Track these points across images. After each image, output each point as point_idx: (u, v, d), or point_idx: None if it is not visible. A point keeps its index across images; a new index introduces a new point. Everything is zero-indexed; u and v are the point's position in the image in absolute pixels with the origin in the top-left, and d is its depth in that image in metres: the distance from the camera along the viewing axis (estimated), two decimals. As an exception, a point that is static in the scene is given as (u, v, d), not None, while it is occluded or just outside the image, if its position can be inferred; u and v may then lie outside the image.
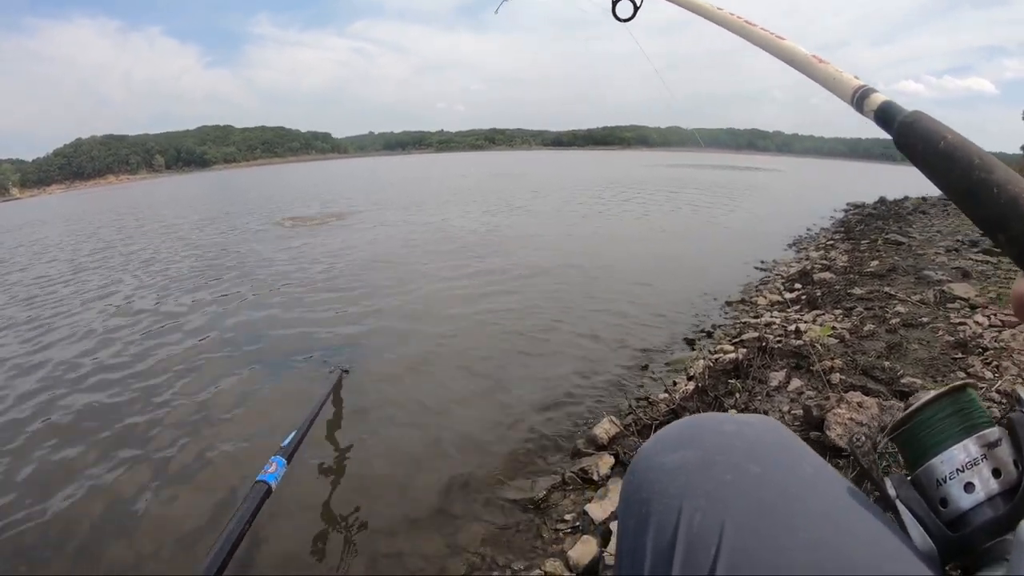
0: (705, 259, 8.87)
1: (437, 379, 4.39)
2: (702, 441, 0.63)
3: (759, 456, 0.60)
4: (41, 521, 2.82)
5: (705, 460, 0.60)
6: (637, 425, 3.27)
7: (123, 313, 6.26)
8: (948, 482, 0.57)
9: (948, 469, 0.57)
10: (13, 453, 3.45)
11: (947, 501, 0.57)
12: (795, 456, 0.62)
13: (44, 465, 3.32)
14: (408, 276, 7.76)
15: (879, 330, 3.98)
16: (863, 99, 0.70)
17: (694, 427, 0.67)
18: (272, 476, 2.16)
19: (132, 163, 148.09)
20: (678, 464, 0.61)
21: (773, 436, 0.64)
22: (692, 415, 0.75)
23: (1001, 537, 0.52)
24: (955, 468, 0.57)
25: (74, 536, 2.71)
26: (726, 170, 47.56)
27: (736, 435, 0.63)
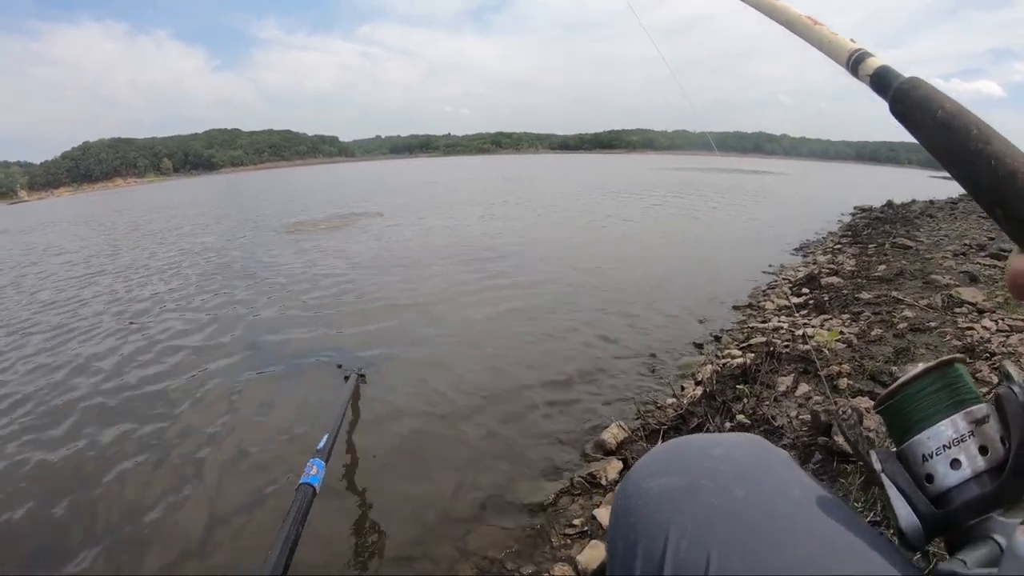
0: (712, 263, 8.86)
1: (447, 383, 4.41)
2: (688, 465, 0.64)
3: (746, 478, 0.61)
4: (92, 526, 2.87)
5: (692, 485, 0.61)
6: (645, 430, 3.29)
7: (139, 318, 6.29)
8: (934, 458, 0.57)
9: (935, 445, 0.57)
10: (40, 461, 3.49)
11: (933, 477, 0.57)
12: (782, 475, 0.63)
13: (88, 466, 3.37)
14: (419, 281, 7.80)
15: (887, 335, 3.98)
16: (858, 63, 0.68)
17: (681, 451, 0.68)
18: (315, 478, 2.22)
19: (140, 166, 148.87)
20: (664, 489, 0.62)
21: (760, 456, 0.65)
22: (680, 437, 0.76)
23: (987, 515, 0.52)
24: (942, 444, 0.57)
25: (120, 537, 2.77)
26: (733, 173, 47.45)
27: (723, 459, 0.64)
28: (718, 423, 2.98)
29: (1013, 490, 0.52)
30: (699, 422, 3.08)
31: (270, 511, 2.86)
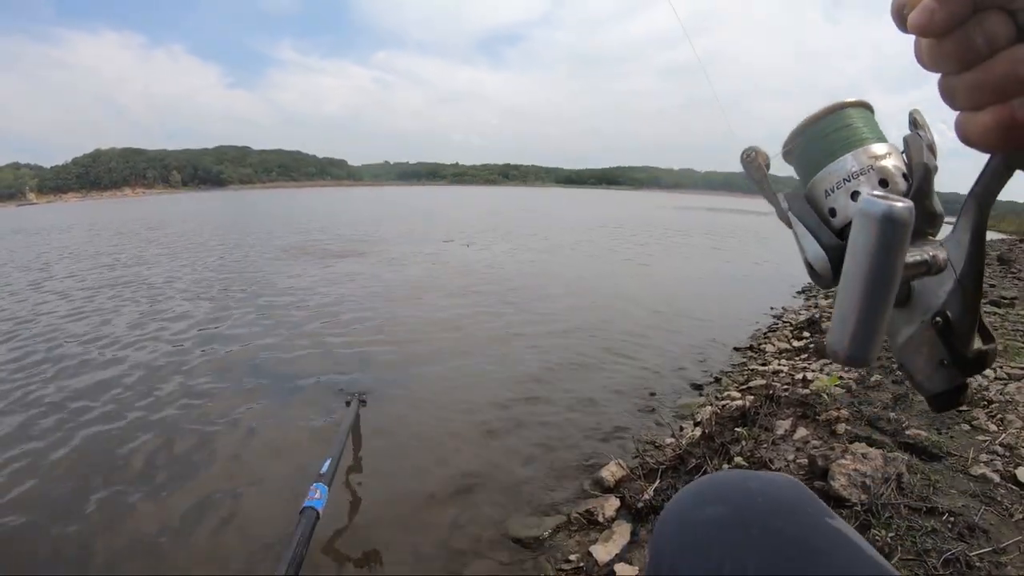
0: (715, 304, 8.89)
1: (446, 412, 4.44)
2: (729, 497, 0.67)
3: (783, 513, 0.63)
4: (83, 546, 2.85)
5: (734, 516, 0.64)
6: (643, 469, 3.30)
7: (139, 336, 6.27)
8: (836, 192, 0.58)
9: (835, 179, 0.58)
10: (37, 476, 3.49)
11: (835, 211, 0.58)
12: (816, 513, 0.65)
13: (81, 487, 3.33)
14: (425, 308, 7.84)
15: (885, 381, 4.00)
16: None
17: (721, 483, 0.72)
18: (319, 502, 2.23)
19: (149, 177, 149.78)
20: (708, 519, 0.65)
21: (794, 494, 0.68)
22: (717, 472, 0.78)
23: None
24: (842, 178, 0.58)
25: (117, 559, 2.75)
26: (739, 214, 47.75)
27: (760, 492, 0.66)
28: (716, 464, 3.00)
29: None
30: (697, 463, 3.09)
31: (274, 534, 2.85)
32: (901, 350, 0.58)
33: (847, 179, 0.58)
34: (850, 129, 0.59)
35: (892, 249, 0.45)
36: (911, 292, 0.57)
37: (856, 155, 0.58)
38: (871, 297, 0.46)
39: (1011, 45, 0.37)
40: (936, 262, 0.53)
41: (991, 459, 2.66)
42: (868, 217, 0.45)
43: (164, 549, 2.81)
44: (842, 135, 0.59)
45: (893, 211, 0.44)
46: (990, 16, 0.36)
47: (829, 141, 0.60)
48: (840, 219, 0.58)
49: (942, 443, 2.85)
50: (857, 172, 0.57)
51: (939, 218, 0.58)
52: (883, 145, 0.58)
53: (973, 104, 0.38)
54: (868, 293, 0.46)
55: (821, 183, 0.60)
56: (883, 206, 0.45)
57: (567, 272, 11.51)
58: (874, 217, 0.45)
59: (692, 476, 3.03)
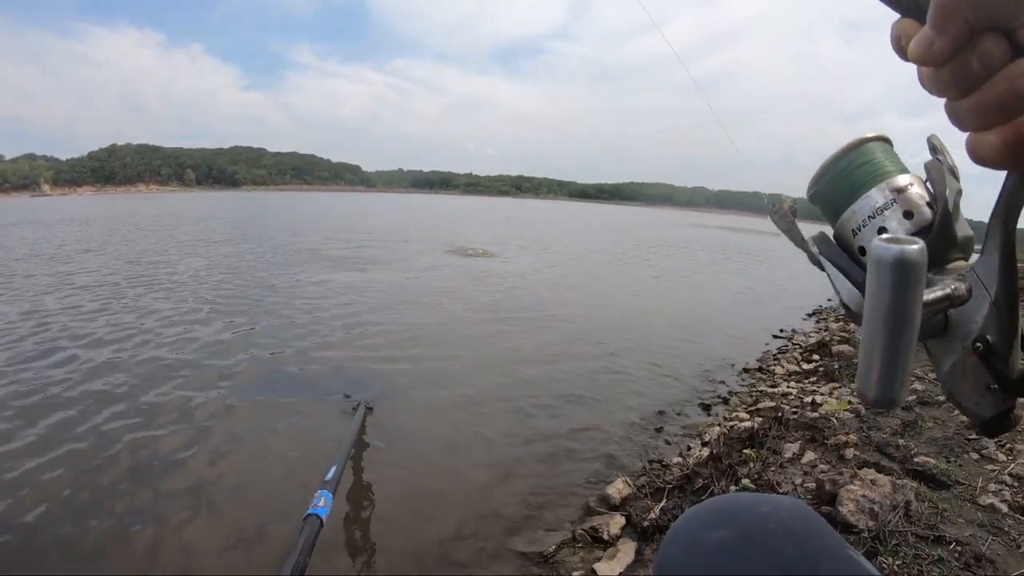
0: (726, 324, 8.88)
1: (454, 423, 4.46)
2: (739, 521, 0.67)
3: (791, 538, 0.64)
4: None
5: (742, 540, 0.64)
6: (650, 488, 3.31)
7: (145, 333, 6.25)
8: (863, 229, 0.59)
9: (862, 216, 0.59)
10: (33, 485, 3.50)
11: (864, 249, 0.59)
12: (825, 540, 0.65)
13: (80, 492, 3.34)
14: (437, 318, 7.86)
15: (895, 407, 3.99)
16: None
17: (730, 506, 0.72)
18: (323, 510, 2.25)
19: (163, 174, 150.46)
20: (717, 542, 0.65)
21: (804, 519, 0.68)
22: (727, 494, 0.79)
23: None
24: (867, 215, 0.59)
25: (120, 563, 2.77)
26: (751, 234, 47.63)
27: (770, 517, 0.67)
28: (723, 486, 3.00)
29: (939, 249, 0.55)
30: (704, 483, 3.09)
31: (277, 541, 2.87)
32: (946, 379, 0.57)
33: (872, 215, 0.59)
34: (872, 164, 0.60)
35: (907, 291, 0.45)
36: (948, 321, 0.56)
37: (880, 190, 0.59)
38: (892, 340, 0.46)
39: (1008, 63, 0.38)
40: (958, 294, 0.52)
41: (999, 489, 2.65)
42: (880, 263, 0.45)
43: (166, 554, 2.83)
44: (864, 171, 0.60)
45: (904, 255, 0.45)
46: (984, 38, 0.37)
47: (852, 179, 0.61)
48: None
49: (951, 471, 2.84)
50: (882, 207, 0.58)
51: (969, 241, 0.58)
52: (905, 176, 0.59)
53: (979, 125, 0.39)
54: (889, 336, 0.46)
55: (848, 222, 0.61)
56: (894, 251, 0.45)
57: (581, 287, 11.50)
58: (886, 263, 0.45)
59: (699, 496, 3.03)
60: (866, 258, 0.57)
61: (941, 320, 0.56)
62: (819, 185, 0.64)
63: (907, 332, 0.46)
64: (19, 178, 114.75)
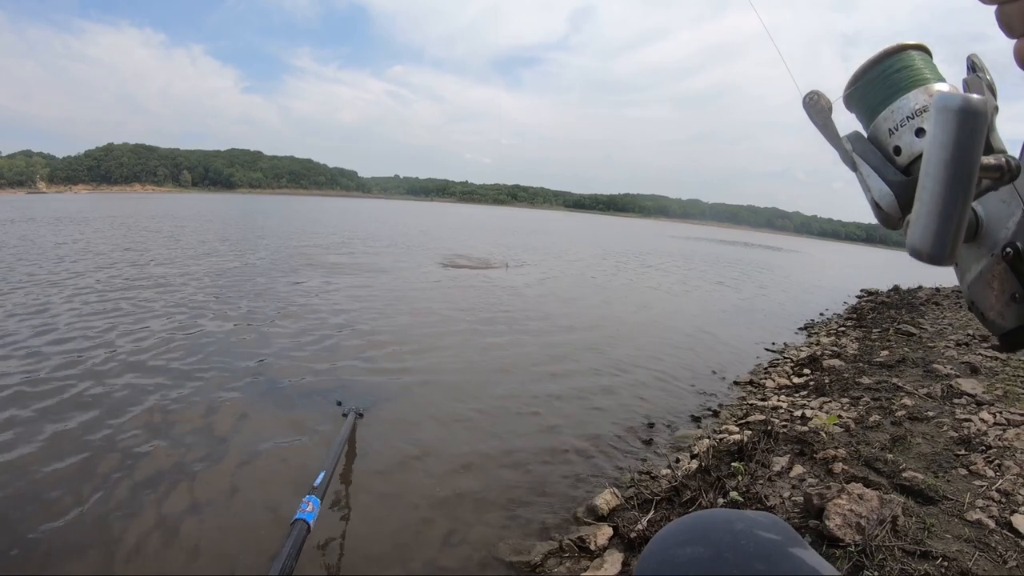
0: (718, 337, 8.91)
1: (443, 431, 4.45)
2: (712, 538, 0.67)
3: (766, 555, 0.64)
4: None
5: (715, 557, 0.64)
6: (638, 499, 3.30)
7: (141, 339, 6.23)
8: (900, 129, 0.59)
9: (899, 117, 0.59)
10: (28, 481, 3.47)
11: (900, 149, 0.59)
12: (800, 558, 0.65)
13: (69, 493, 3.31)
14: (429, 326, 7.83)
15: (884, 422, 4.00)
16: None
17: (705, 523, 0.72)
18: (310, 515, 2.25)
19: (160, 175, 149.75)
20: (688, 560, 0.65)
21: (779, 535, 0.68)
22: (703, 510, 0.78)
23: None
24: (905, 116, 0.59)
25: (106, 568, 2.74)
26: (745, 247, 47.96)
27: (744, 533, 0.67)
28: (711, 498, 2.99)
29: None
30: (692, 495, 3.09)
31: (264, 545, 2.86)
32: (971, 287, 0.58)
33: (911, 116, 0.59)
34: (911, 69, 0.61)
35: (971, 141, 0.46)
36: (979, 226, 0.57)
37: (919, 93, 0.59)
38: (950, 192, 0.47)
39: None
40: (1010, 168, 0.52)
41: (987, 505, 2.65)
42: (946, 110, 0.46)
43: (152, 556, 2.80)
44: (904, 75, 0.61)
45: (971, 103, 0.45)
46: None
47: (891, 81, 0.61)
48: (905, 156, 0.60)
49: (938, 486, 2.84)
50: (921, 109, 0.58)
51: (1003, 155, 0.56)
52: (944, 84, 0.59)
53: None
54: (947, 188, 0.47)
55: (884, 122, 0.61)
56: (960, 98, 0.45)
57: (576, 299, 11.50)
58: (952, 109, 0.46)
59: (687, 508, 3.02)
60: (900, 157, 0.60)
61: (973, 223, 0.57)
62: (856, 86, 0.64)
63: (966, 185, 0.47)
64: (15, 174, 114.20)
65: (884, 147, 0.61)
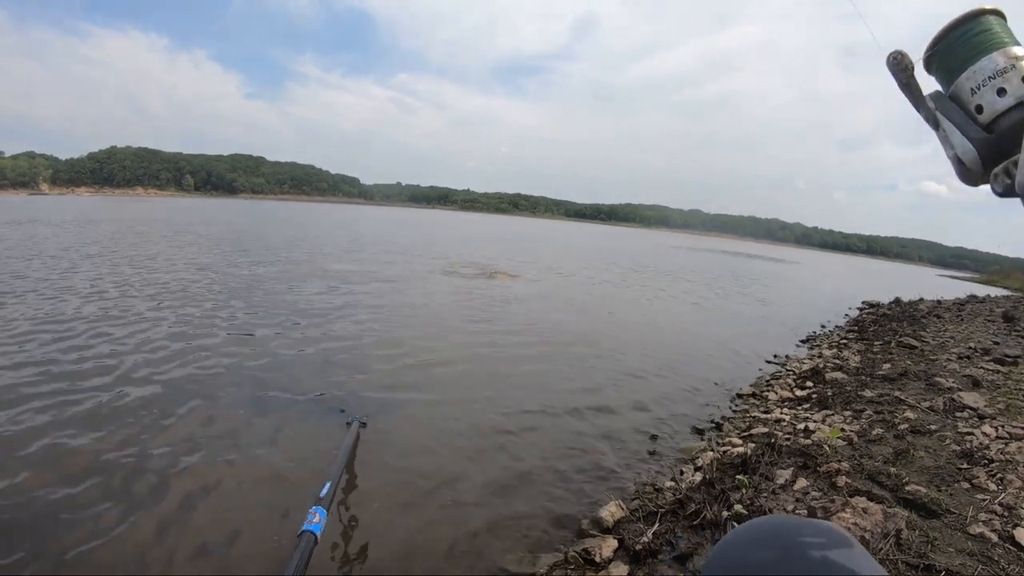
0: (720, 349, 8.94)
1: (448, 441, 4.47)
2: (782, 543, 0.68)
3: (832, 563, 0.65)
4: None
5: (782, 563, 0.66)
6: (643, 511, 3.31)
7: (144, 342, 6.20)
8: (981, 89, 0.63)
9: (981, 77, 0.63)
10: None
11: (982, 108, 0.63)
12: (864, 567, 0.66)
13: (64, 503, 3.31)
14: (436, 334, 7.86)
15: (887, 435, 4.02)
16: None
17: (772, 528, 0.73)
18: (317, 527, 2.26)
19: (162, 179, 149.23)
20: (757, 564, 0.67)
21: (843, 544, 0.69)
22: (768, 515, 0.80)
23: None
24: (987, 76, 0.63)
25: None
26: (746, 258, 47.98)
27: (810, 541, 0.68)
28: (716, 511, 3.01)
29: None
30: (697, 508, 3.11)
31: (271, 557, 2.88)
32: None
33: (992, 77, 0.63)
34: (990, 33, 0.65)
35: None
36: None
37: (999, 56, 0.63)
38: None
39: None
40: None
41: (989, 518, 2.67)
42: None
43: (156, 569, 2.81)
44: (984, 38, 0.65)
45: None
46: None
47: (971, 44, 0.65)
48: (987, 114, 0.64)
49: (941, 500, 2.86)
50: (1003, 69, 0.63)
51: None
52: (1019, 47, 0.64)
53: None
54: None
55: (966, 82, 0.65)
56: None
57: (580, 309, 11.49)
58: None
59: (691, 521, 3.04)
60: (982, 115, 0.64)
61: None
62: (937, 48, 0.68)
63: None
64: (18, 175, 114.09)
65: (966, 106, 0.65)
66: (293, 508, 3.23)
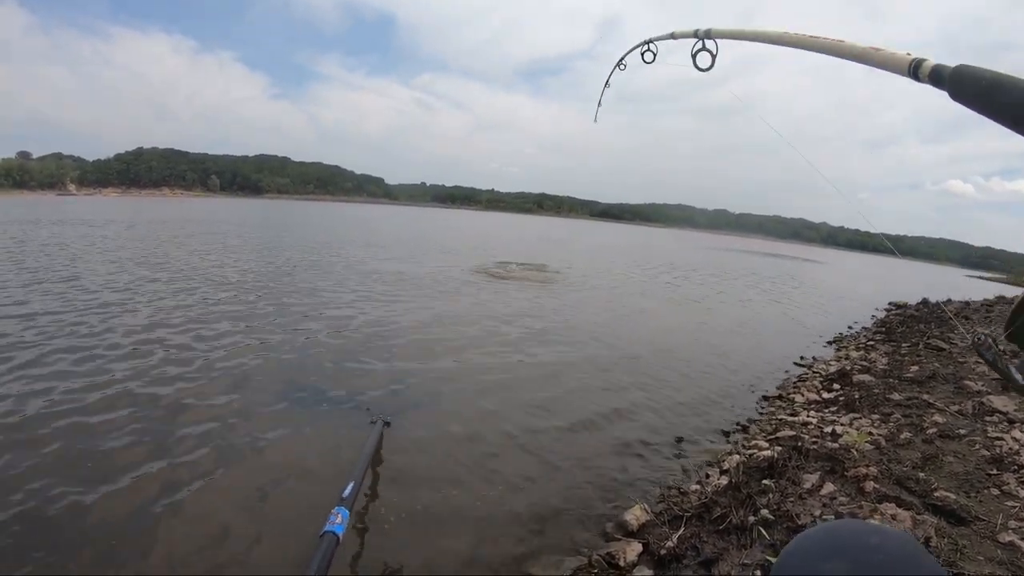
0: (746, 350, 8.89)
1: (474, 442, 4.50)
2: (849, 551, 0.69)
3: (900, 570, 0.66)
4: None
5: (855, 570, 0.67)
6: (668, 515, 3.32)
7: (178, 334, 6.18)
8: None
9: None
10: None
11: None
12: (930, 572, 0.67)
13: (97, 500, 3.36)
14: (463, 336, 7.92)
15: (915, 439, 3.98)
16: (917, 68, 0.82)
17: (840, 535, 0.74)
18: (340, 527, 2.29)
19: (188, 179, 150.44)
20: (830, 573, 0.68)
21: (911, 551, 0.70)
22: (835, 521, 0.81)
23: None
24: None
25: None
26: (773, 258, 47.51)
27: (879, 548, 0.69)
28: (742, 516, 3.01)
29: None
30: (722, 512, 3.10)
31: (293, 557, 2.90)
32: None
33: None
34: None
35: None
36: None
37: None
38: None
39: None
40: None
41: (1020, 526, 2.65)
42: None
43: (180, 566, 2.87)
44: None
45: None
46: None
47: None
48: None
49: (971, 507, 2.83)
50: None
51: None
52: None
53: None
54: None
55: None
56: None
57: (610, 310, 11.44)
58: None
59: (717, 525, 3.04)
60: None
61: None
62: (1017, 324, 0.78)
63: None
64: (46, 176, 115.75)
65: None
66: (316, 508, 3.24)
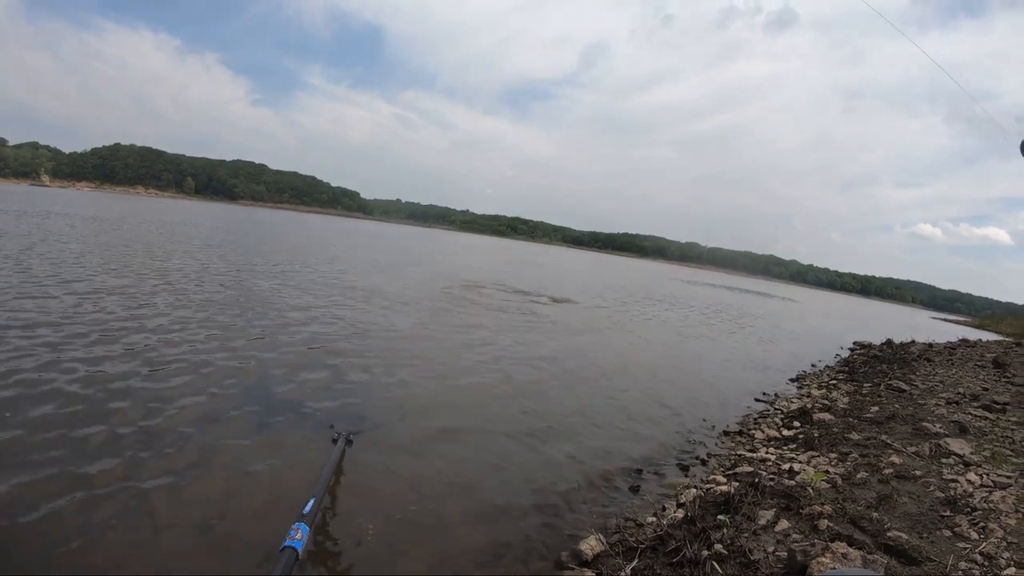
0: (708, 384, 8.93)
1: (435, 463, 4.45)
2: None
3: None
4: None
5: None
6: (623, 546, 3.29)
7: (131, 345, 6.11)
8: None
9: None
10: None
11: None
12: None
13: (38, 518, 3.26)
14: (426, 353, 7.85)
15: (871, 479, 4.01)
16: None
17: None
18: (299, 543, 2.26)
19: (163, 180, 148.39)
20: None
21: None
22: (850, 569, 0.80)
23: None
24: None
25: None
26: (742, 293, 48.21)
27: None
28: (695, 549, 2.99)
29: None
30: (677, 545, 3.08)
31: (251, 573, 2.85)
32: None
33: None
34: None
35: None
36: None
37: None
38: None
39: None
40: None
41: (970, 568, 2.66)
42: None
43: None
44: None
45: None
46: None
47: None
48: None
49: (922, 548, 2.84)
50: None
51: None
52: None
53: None
54: None
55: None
56: None
57: (574, 338, 11.43)
58: None
59: (671, 558, 3.02)
60: None
61: None
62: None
63: None
64: (20, 164, 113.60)
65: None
66: (277, 524, 3.15)
